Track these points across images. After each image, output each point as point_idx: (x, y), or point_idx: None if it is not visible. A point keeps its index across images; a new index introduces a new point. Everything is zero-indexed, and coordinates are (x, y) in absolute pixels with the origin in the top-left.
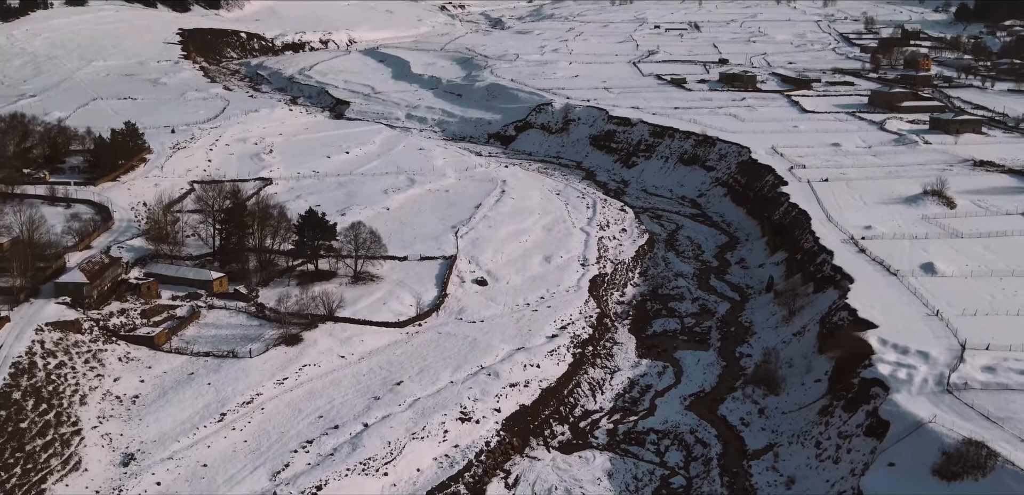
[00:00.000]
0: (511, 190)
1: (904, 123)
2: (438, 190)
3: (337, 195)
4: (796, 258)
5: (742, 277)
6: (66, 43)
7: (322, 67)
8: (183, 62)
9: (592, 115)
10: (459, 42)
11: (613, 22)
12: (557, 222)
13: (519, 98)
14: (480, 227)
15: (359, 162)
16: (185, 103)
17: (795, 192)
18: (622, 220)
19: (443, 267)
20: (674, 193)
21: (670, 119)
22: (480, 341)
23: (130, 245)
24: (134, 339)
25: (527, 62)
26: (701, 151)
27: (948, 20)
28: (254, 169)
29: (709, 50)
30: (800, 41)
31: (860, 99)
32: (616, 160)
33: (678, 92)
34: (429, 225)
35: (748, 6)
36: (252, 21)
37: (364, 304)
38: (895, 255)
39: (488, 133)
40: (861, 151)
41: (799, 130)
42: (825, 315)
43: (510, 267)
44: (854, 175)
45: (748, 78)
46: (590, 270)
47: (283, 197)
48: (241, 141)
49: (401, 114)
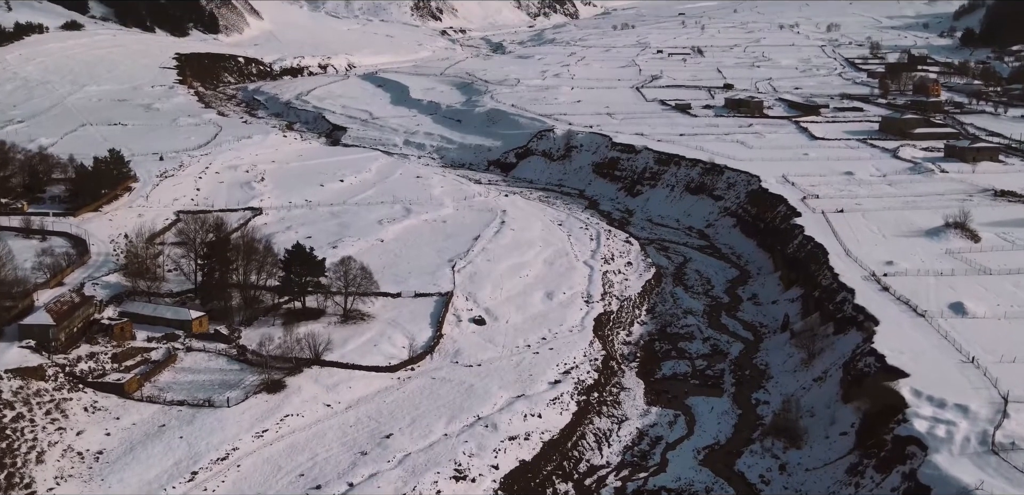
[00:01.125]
0: (511, 221)
1: (918, 150)
2: (435, 221)
3: (329, 226)
4: (813, 295)
5: (755, 314)
6: (60, 68)
7: (319, 92)
8: (178, 87)
9: (595, 142)
10: (459, 67)
11: (615, 47)
12: (559, 255)
13: (520, 124)
14: (478, 261)
15: (354, 191)
16: (177, 129)
17: (809, 224)
18: (627, 252)
19: (438, 305)
20: (681, 223)
21: (675, 146)
22: (477, 388)
23: (105, 281)
24: (102, 386)
25: (528, 87)
26: (708, 179)
27: (953, 45)
28: (244, 198)
29: (713, 75)
30: (805, 66)
31: (870, 125)
32: (620, 188)
33: (683, 118)
34: (425, 258)
35: (751, 31)
36: (251, 46)
37: (353, 346)
38: (920, 293)
39: (488, 160)
40: (876, 180)
41: (809, 158)
42: (849, 360)
43: (510, 305)
44: (870, 206)
45: (755, 104)
46: (595, 307)
47: (273, 228)
48: (232, 168)
49: (399, 140)
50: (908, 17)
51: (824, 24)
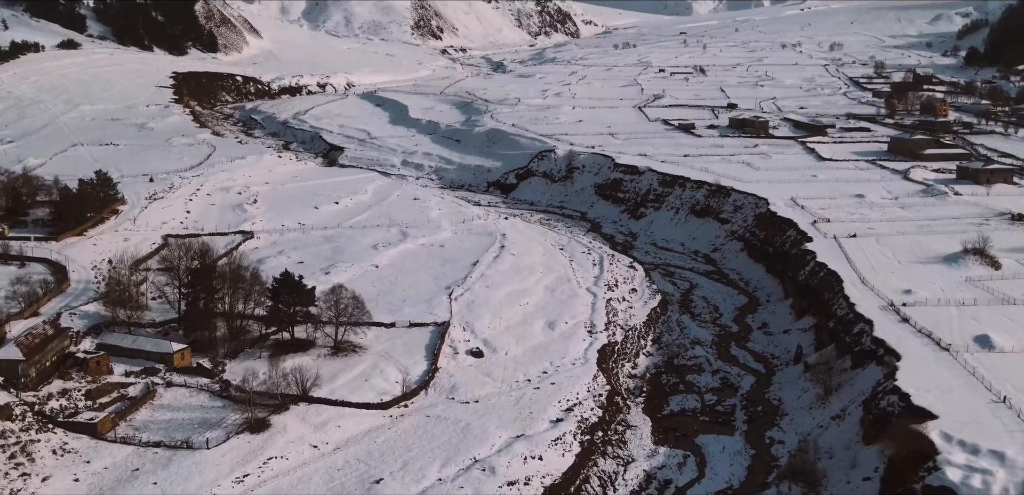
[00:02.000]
0: (511, 245)
1: (929, 172)
2: (432, 245)
3: (322, 250)
4: (827, 325)
5: (766, 345)
6: (55, 87)
7: (317, 111)
8: (173, 106)
9: (597, 163)
10: (459, 86)
11: (616, 66)
12: (561, 282)
13: (520, 144)
14: (477, 287)
15: (349, 213)
16: (169, 149)
17: (821, 250)
18: (632, 278)
19: (434, 336)
20: (686, 247)
21: (680, 167)
22: (474, 427)
23: (83, 311)
24: (74, 426)
25: (529, 106)
26: (714, 202)
27: (958, 65)
28: (235, 221)
29: (717, 94)
30: (809, 85)
31: (879, 146)
32: (623, 211)
33: (687, 138)
34: (421, 285)
35: (753, 50)
36: (250, 65)
37: (343, 381)
38: (943, 325)
39: (488, 181)
40: (887, 203)
41: (818, 179)
42: (870, 398)
43: (509, 335)
44: (883, 230)
45: (760, 124)
46: (598, 338)
47: (264, 252)
48: (224, 190)
49: (397, 161)
50: (910, 36)
51: (826, 43)
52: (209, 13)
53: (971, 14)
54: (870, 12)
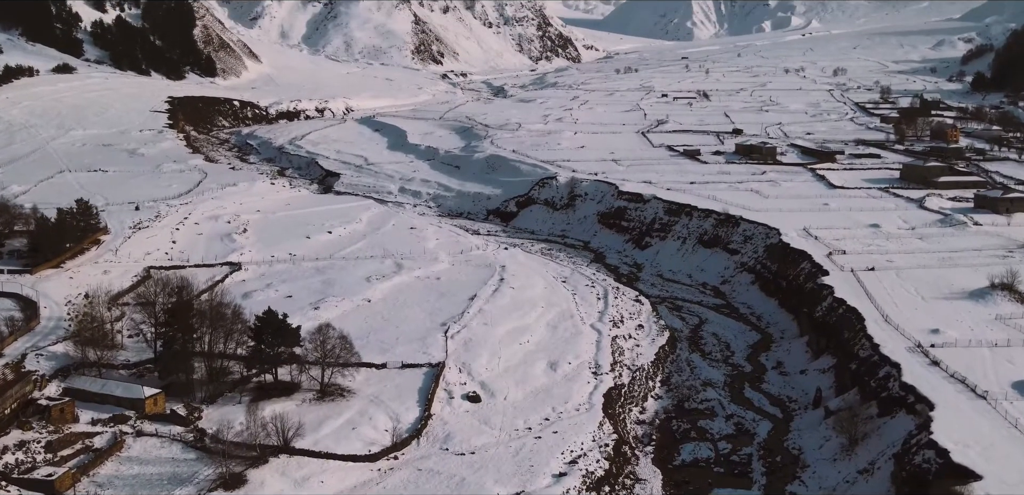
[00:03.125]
0: (511, 277)
1: (945, 201)
2: (428, 278)
3: (313, 283)
4: (848, 367)
5: (782, 386)
6: (47, 111)
7: (314, 137)
8: (167, 131)
9: (600, 190)
10: (459, 110)
11: (618, 90)
12: (564, 318)
13: (521, 171)
14: (474, 324)
15: (342, 243)
16: (159, 176)
17: (839, 284)
18: (638, 313)
19: (428, 378)
20: (694, 279)
21: (686, 195)
22: (469, 482)
23: (52, 351)
24: (29, 483)
25: (529, 132)
26: (723, 232)
27: (964, 90)
28: (223, 252)
29: (721, 119)
30: (814, 110)
31: (890, 173)
32: (628, 240)
33: (692, 165)
34: (415, 321)
35: (756, 75)
36: (248, 89)
37: (329, 429)
38: (976, 369)
39: (487, 209)
40: (905, 233)
41: (830, 208)
42: (902, 451)
43: (508, 377)
44: (903, 263)
45: (767, 150)
46: (604, 380)
47: (252, 285)
48: (213, 219)
49: (394, 187)
50: (914, 61)
51: (829, 68)
52: (208, 38)
53: (974, 39)
54: (872, 37)
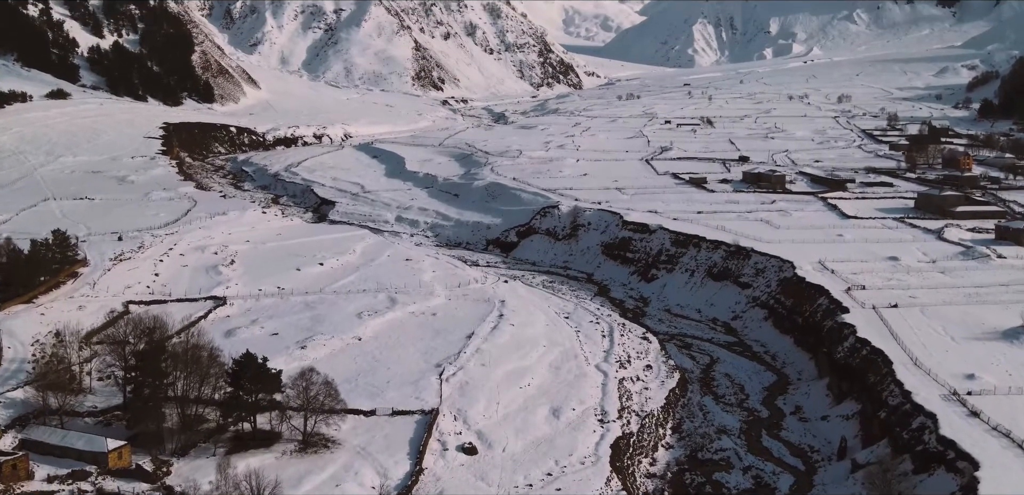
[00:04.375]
0: (511, 313)
1: (964, 232)
2: (423, 313)
3: (300, 319)
4: (876, 415)
5: (802, 434)
6: (38, 137)
7: (310, 163)
8: (160, 158)
9: (604, 220)
10: (459, 137)
11: (621, 117)
12: (567, 358)
13: (522, 199)
14: (471, 365)
15: (334, 276)
16: (147, 204)
17: (861, 322)
18: (645, 352)
19: (420, 427)
20: (703, 314)
21: (694, 225)
22: None
23: (10, 397)
24: None
25: (531, 159)
26: (733, 264)
27: (971, 117)
28: (208, 285)
29: (726, 146)
30: (821, 137)
31: (904, 202)
32: (633, 272)
33: (699, 194)
34: (408, 362)
35: (759, 102)
36: (246, 115)
37: (310, 486)
38: (1021, 421)
39: (487, 238)
40: (925, 267)
41: (845, 240)
42: None
43: (507, 425)
44: (927, 299)
45: (776, 178)
46: (611, 429)
47: (236, 322)
48: (199, 250)
49: (391, 216)
50: (918, 88)
51: (833, 95)
52: (206, 63)
53: (978, 66)
54: (874, 65)
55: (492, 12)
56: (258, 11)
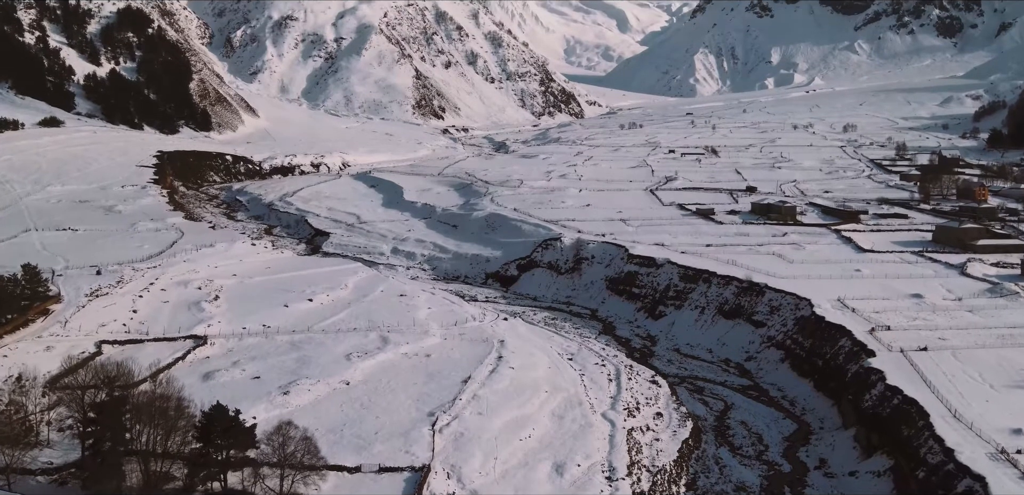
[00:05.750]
0: (511, 355)
1: (988, 267)
2: (417, 355)
3: (285, 361)
4: (914, 475)
5: (829, 491)
6: (27, 166)
7: (306, 193)
8: (151, 187)
9: (608, 253)
10: (459, 166)
11: (624, 146)
12: (571, 405)
13: (522, 231)
14: (467, 414)
15: (323, 313)
16: (132, 235)
17: (889, 367)
18: (655, 397)
19: (410, 485)
20: (715, 354)
21: (702, 259)
22: None
23: None
24: None
25: (532, 189)
26: (746, 301)
27: (980, 147)
28: (189, 323)
29: (732, 176)
30: (829, 167)
31: (921, 235)
32: (639, 308)
33: (707, 225)
34: (399, 410)
35: (764, 131)
36: (243, 143)
37: None
38: None
39: (486, 272)
40: (952, 306)
41: (863, 276)
42: None
43: (506, 484)
44: (958, 342)
45: (787, 209)
46: (620, 488)
47: (216, 363)
48: (182, 284)
49: (386, 248)
50: (923, 118)
51: (838, 124)
52: (204, 91)
53: (982, 96)
54: (877, 94)
55: (493, 41)
56: (259, 40)
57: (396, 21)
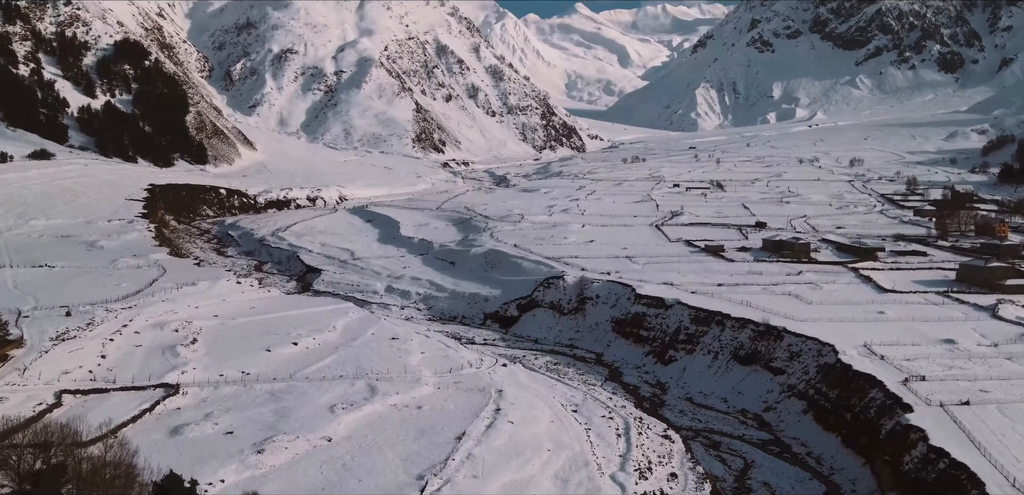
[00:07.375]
0: (509, 407)
1: (1020, 308)
2: (407, 406)
3: (263, 413)
4: None
5: None
6: (12, 199)
7: (299, 228)
8: (138, 221)
9: (614, 293)
10: (458, 200)
11: (627, 180)
12: (576, 465)
13: (523, 268)
14: (460, 477)
15: (308, 358)
16: (111, 273)
17: (930, 425)
18: (668, 455)
19: None
20: (730, 404)
21: (714, 300)
22: None
23: None
24: None
25: (533, 224)
26: (763, 346)
27: (991, 181)
28: (161, 369)
29: (740, 211)
30: (839, 202)
31: (943, 274)
32: (648, 353)
33: (717, 263)
34: (384, 472)
35: (769, 165)
36: (239, 176)
37: None
38: None
39: (484, 312)
40: (988, 353)
41: (887, 318)
42: None
43: None
44: (1002, 394)
45: (801, 246)
46: None
47: (187, 416)
48: (158, 327)
49: (380, 286)
50: (929, 152)
51: (844, 158)
52: (200, 124)
53: (988, 130)
54: (881, 128)
55: (495, 75)
56: (258, 73)
57: (397, 54)
